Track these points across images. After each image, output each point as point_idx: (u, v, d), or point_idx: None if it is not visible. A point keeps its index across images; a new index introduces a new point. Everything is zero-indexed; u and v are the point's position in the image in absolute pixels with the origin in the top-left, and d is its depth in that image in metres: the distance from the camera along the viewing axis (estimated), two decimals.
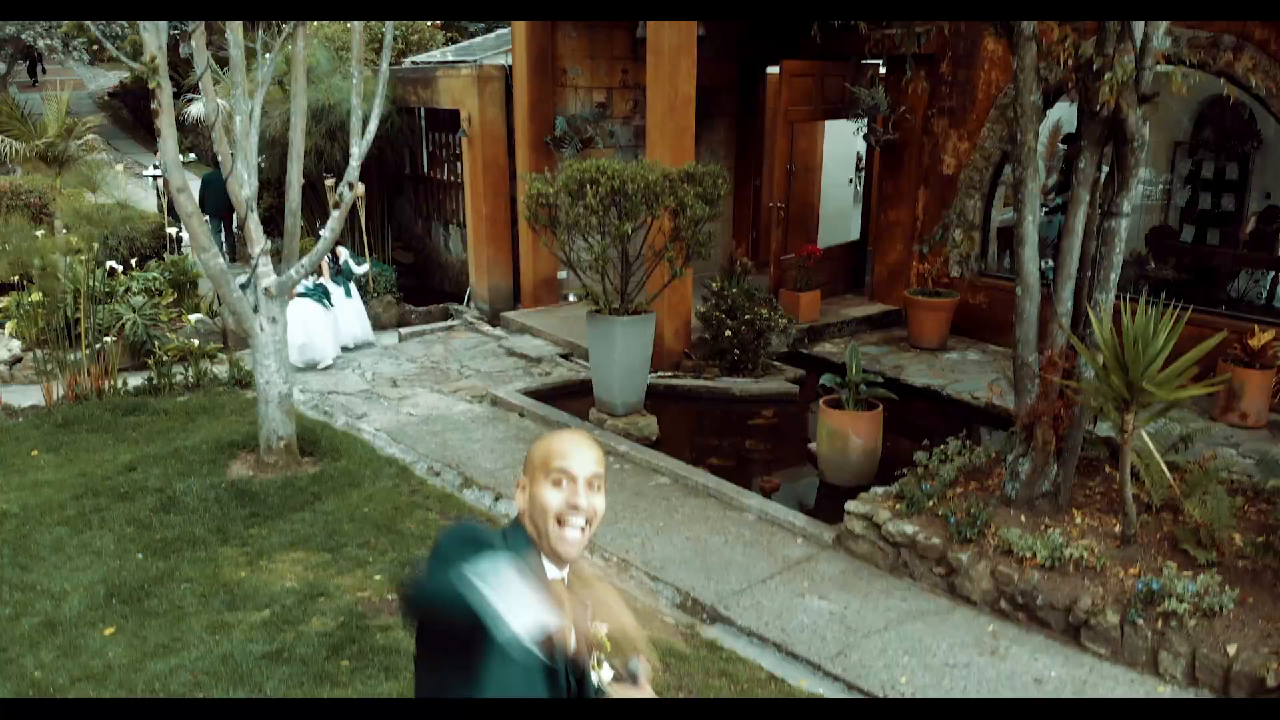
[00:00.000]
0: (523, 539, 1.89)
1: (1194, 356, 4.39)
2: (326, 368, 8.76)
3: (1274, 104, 7.25)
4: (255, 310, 6.14)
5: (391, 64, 11.64)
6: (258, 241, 6.13)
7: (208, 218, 10.29)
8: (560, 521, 1.84)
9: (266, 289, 6.13)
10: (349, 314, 9.31)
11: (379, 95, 6.17)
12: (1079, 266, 4.89)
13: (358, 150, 6.03)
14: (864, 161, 12.68)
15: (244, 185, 6.06)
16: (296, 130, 6.27)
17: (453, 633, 1.69)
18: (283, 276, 6.16)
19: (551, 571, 1.87)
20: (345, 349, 9.22)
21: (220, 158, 6.04)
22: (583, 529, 1.85)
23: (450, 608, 1.58)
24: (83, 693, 4.16)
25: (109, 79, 21.90)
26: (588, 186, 6.47)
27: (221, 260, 6.12)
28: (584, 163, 6.73)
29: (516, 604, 1.55)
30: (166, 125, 5.75)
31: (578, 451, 1.88)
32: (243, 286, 6.25)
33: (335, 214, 6.05)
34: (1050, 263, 5.49)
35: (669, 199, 6.63)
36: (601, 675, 1.85)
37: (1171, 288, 8.13)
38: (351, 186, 6.03)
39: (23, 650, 4.46)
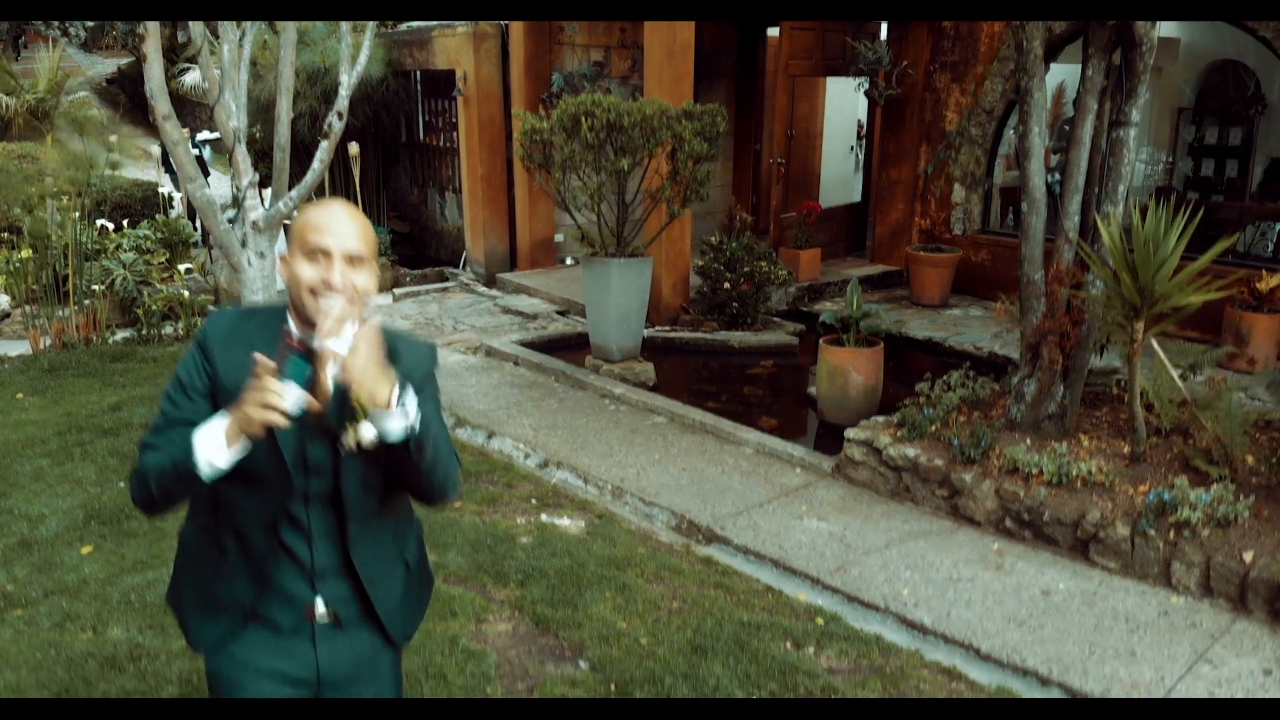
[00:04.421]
0: (279, 311, 1.91)
1: (1206, 260, 4.26)
2: None
3: None
4: (243, 245, 6.01)
5: (388, 28, 11.57)
6: (245, 174, 6.00)
7: None
8: (314, 294, 1.81)
9: (254, 222, 5.99)
10: None
11: (369, 32, 6.04)
12: (1086, 180, 4.75)
13: (347, 79, 5.89)
14: (864, 129, 12.55)
15: (231, 116, 5.94)
16: (285, 64, 6.12)
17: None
18: (270, 209, 6.03)
19: (298, 333, 1.88)
20: None
21: (206, 84, 5.92)
22: (342, 303, 1.79)
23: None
24: (55, 605, 4.03)
25: (107, 65, 21.75)
26: (583, 120, 6.33)
27: (209, 191, 5.99)
28: (579, 97, 6.58)
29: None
30: (153, 50, 5.61)
31: (334, 226, 1.82)
32: (230, 221, 6.11)
33: (324, 144, 5.91)
34: (1057, 177, 5.35)
35: (666, 135, 6.48)
36: (360, 433, 1.77)
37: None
38: (341, 116, 5.89)
39: None
